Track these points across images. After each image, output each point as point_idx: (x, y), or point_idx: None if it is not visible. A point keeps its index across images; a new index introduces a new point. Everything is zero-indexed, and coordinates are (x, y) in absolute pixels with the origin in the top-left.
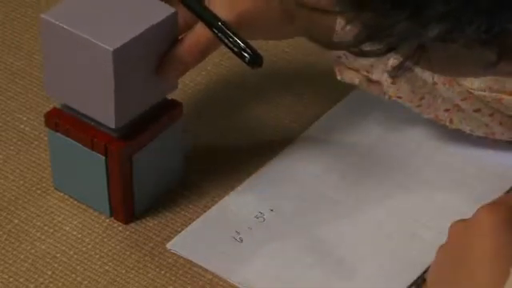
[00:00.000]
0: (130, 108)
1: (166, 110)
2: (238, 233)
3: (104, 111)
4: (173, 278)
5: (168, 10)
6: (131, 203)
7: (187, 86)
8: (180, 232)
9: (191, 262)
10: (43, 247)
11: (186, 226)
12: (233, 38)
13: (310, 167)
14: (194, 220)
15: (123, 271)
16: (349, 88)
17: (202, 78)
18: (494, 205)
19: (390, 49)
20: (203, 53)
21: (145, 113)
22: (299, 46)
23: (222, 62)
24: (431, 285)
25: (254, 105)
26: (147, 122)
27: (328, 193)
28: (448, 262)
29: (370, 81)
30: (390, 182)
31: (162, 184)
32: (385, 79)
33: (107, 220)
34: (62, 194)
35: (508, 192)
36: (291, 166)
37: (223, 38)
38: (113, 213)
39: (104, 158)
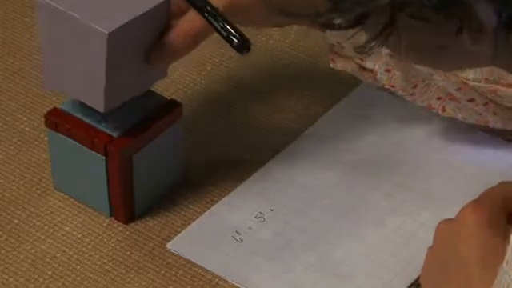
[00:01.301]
0: (119, 93)
1: (166, 110)
2: (238, 233)
3: (94, 94)
4: (173, 278)
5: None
6: (131, 203)
7: (187, 86)
8: (180, 232)
9: (191, 261)
10: (43, 247)
11: (186, 226)
12: (222, 24)
13: (310, 167)
14: (194, 220)
15: (123, 271)
16: (349, 88)
17: (201, 77)
18: (478, 202)
19: (357, 23)
20: (195, 39)
21: (145, 113)
22: (299, 46)
23: (221, 61)
24: (423, 286)
25: (253, 105)
26: (147, 122)
27: (328, 192)
28: (436, 264)
29: (363, 69)
30: (390, 182)
31: (162, 184)
32: (378, 67)
33: (107, 220)
34: (61, 194)
35: None
36: (291, 165)
37: (213, 22)
38: (113, 213)
39: (104, 158)
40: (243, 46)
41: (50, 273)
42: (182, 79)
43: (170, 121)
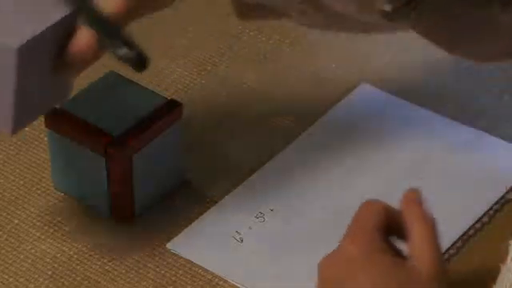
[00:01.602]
0: (28, 112)
1: (166, 110)
2: (238, 233)
3: (1, 114)
4: (173, 278)
5: (67, 8)
6: (131, 203)
7: (187, 86)
8: (180, 232)
9: (191, 261)
10: (43, 247)
11: (186, 226)
12: (115, 40)
13: (310, 167)
14: (194, 220)
15: (123, 271)
16: (349, 88)
17: (201, 77)
18: (353, 232)
19: None
20: (93, 52)
21: (145, 113)
22: (300, 46)
23: (221, 61)
24: None
25: (253, 105)
26: (147, 122)
27: (328, 192)
28: None
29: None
30: (391, 182)
31: (161, 184)
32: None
33: (107, 220)
34: (61, 194)
35: (508, 193)
36: (291, 166)
37: (105, 39)
38: (113, 213)
39: (104, 158)
40: (140, 63)
41: (49, 273)
42: (182, 79)
43: (169, 121)
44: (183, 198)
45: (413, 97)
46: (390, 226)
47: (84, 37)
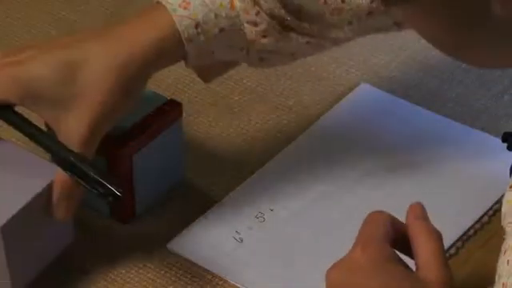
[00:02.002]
0: (26, 273)
1: (166, 110)
2: (238, 233)
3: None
4: (173, 278)
5: (48, 177)
6: (131, 203)
7: (187, 86)
8: (180, 232)
9: (191, 261)
10: None
11: (186, 226)
12: (88, 182)
13: (310, 167)
14: (194, 220)
15: (123, 271)
16: (349, 88)
17: None
18: (363, 242)
19: None
20: (69, 190)
21: (145, 113)
22: None
23: None
24: None
25: (253, 105)
26: (147, 122)
27: (328, 192)
28: None
29: None
30: (391, 182)
31: (162, 184)
32: None
33: (107, 220)
34: None
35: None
36: (291, 165)
37: (78, 179)
38: (113, 213)
39: (104, 158)
40: (114, 198)
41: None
42: (182, 79)
43: (170, 121)
44: (183, 197)
45: (413, 97)
46: (395, 238)
47: (60, 180)
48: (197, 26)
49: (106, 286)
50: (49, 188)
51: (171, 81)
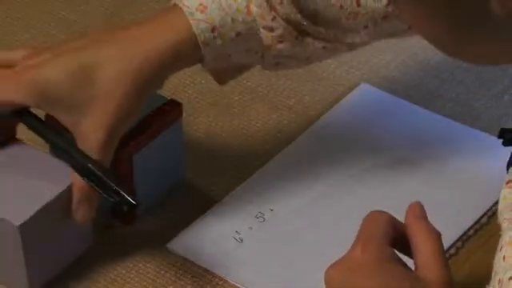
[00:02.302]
0: (43, 273)
1: (166, 109)
2: (238, 233)
3: (18, 281)
4: (173, 278)
5: (67, 180)
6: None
7: (187, 86)
8: (180, 232)
9: (191, 261)
10: None
11: (186, 226)
12: (104, 190)
13: (310, 167)
14: (194, 220)
15: (123, 271)
16: (349, 88)
17: (201, 77)
18: (363, 241)
19: None
20: (88, 194)
21: (145, 113)
22: None
23: None
24: None
25: (253, 105)
26: (147, 122)
27: (328, 192)
28: None
29: None
30: (391, 182)
31: (162, 184)
32: None
33: (107, 220)
34: None
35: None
36: (291, 165)
37: (94, 186)
38: (113, 213)
39: None
40: (122, 203)
41: None
42: (182, 79)
43: (170, 121)
44: (183, 197)
45: (413, 97)
46: (395, 238)
47: (79, 184)
48: (213, 29)
49: (106, 286)
50: (68, 191)
51: (171, 81)
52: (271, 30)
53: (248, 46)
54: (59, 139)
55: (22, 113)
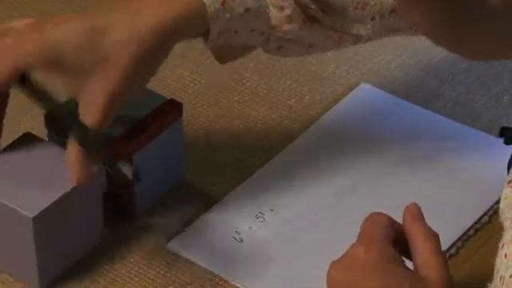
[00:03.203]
0: (54, 267)
1: (166, 109)
2: (238, 233)
3: (28, 272)
4: (173, 278)
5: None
6: (131, 203)
7: (187, 86)
8: (180, 232)
9: (191, 261)
10: None
11: (186, 226)
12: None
13: (310, 167)
14: (194, 220)
15: (123, 271)
16: (349, 88)
17: (201, 77)
18: (365, 241)
19: None
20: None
21: (145, 113)
22: None
23: None
24: None
25: (253, 105)
26: (147, 122)
27: (328, 192)
28: None
29: None
30: (391, 182)
31: (162, 183)
32: None
33: (107, 220)
34: None
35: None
36: (291, 166)
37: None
38: (113, 213)
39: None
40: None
41: None
42: (182, 79)
43: (170, 120)
44: (183, 197)
45: (413, 97)
46: (395, 239)
47: (72, 153)
48: (223, 2)
49: (106, 286)
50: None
51: (171, 81)
52: (281, 9)
53: (255, 25)
54: (60, 105)
55: (24, 79)
